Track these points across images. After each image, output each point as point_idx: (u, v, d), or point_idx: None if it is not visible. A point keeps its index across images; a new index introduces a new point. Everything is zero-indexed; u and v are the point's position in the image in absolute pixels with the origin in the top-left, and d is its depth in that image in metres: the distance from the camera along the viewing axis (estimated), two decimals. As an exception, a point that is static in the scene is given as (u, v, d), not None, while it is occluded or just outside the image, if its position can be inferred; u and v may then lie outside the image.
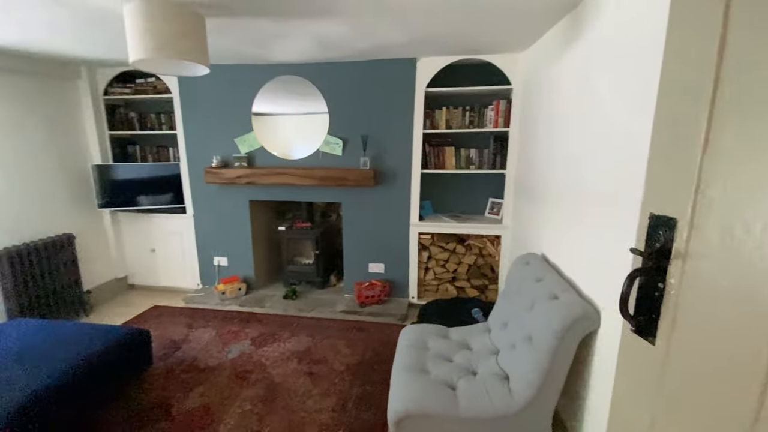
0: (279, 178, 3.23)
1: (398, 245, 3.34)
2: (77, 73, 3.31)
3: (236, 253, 3.64)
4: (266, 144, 3.35)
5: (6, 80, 2.82)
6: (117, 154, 3.68)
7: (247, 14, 1.90)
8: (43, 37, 2.33)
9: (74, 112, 3.36)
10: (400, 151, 3.16)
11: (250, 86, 3.25)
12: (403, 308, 3.27)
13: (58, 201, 3.23)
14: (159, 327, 3.08)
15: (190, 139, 3.47)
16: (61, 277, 3.14)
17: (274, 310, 3.34)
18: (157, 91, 3.46)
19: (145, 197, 3.54)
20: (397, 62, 3.00)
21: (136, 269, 3.88)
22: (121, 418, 2.05)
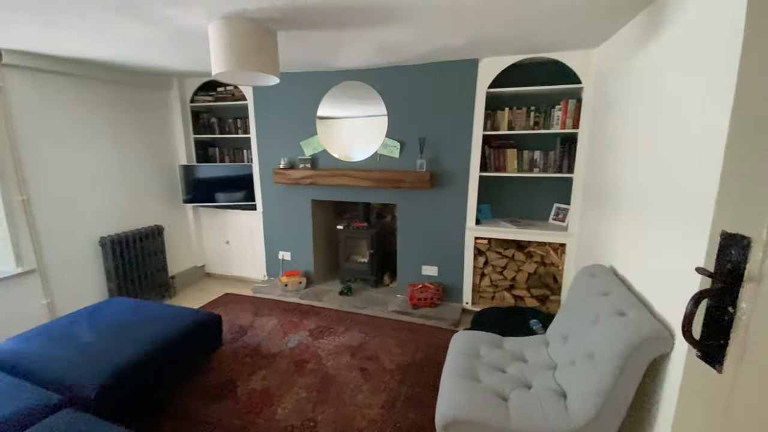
0: (339, 179, 3.37)
1: (453, 249, 3.30)
2: (169, 84, 3.76)
3: (298, 248, 3.86)
4: (328, 147, 3.51)
5: (112, 90, 3.30)
6: (200, 155, 4.11)
7: (313, 26, 2.02)
8: (141, 53, 2.68)
9: (166, 118, 3.83)
10: (458, 153, 3.12)
11: (316, 92, 3.44)
12: (455, 313, 3.23)
13: (151, 196, 3.70)
14: (229, 313, 3.38)
15: (261, 143, 3.76)
16: (152, 263, 3.59)
17: (330, 304, 3.49)
18: (234, 99, 3.80)
19: (222, 194, 3.90)
20: (457, 64, 2.97)
21: (213, 259, 4.29)
22: (193, 391, 2.30)
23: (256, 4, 1.67)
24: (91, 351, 2.00)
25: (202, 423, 2.05)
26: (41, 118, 2.78)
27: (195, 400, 2.23)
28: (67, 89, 2.94)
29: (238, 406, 2.18)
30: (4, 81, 2.56)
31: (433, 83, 3.08)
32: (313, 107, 3.48)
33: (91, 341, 2.10)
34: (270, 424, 2.04)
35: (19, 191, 2.68)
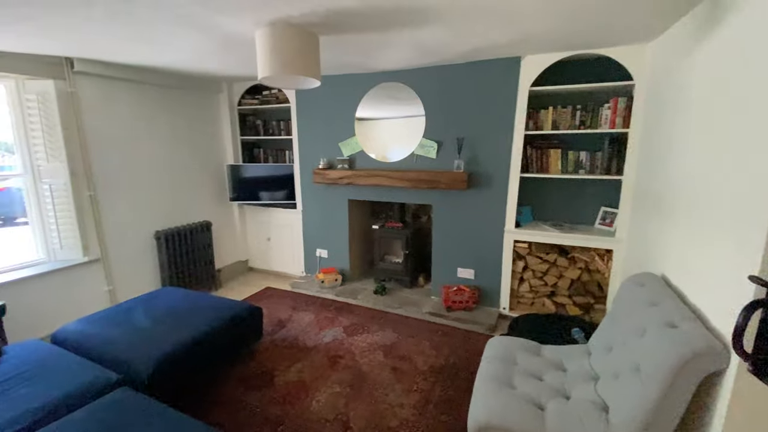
0: (375, 179, 3.40)
1: (490, 252, 3.22)
2: (219, 88, 3.98)
3: (335, 246, 3.95)
4: (366, 147, 3.56)
5: (168, 94, 3.55)
6: (245, 155, 4.32)
7: (354, 30, 2.07)
8: (195, 59, 2.87)
9: (216, 121, 4.06)
10: (497, 154, 3.05)
11: (354, 94, 3.50)
12: (492, 318, 3.15)
13: (201, 194, 3.95)
14: (269, 306, 3.53)
15: (302, 144, 3.88)
16: (200, 257, 3.83)
17: (364, 302, 3.53)
18: (278, 102, 3.96)
19: (265, 193, 4.08)
20: (498, 62, 2.90)
21: (255, 254, 4.50)
22: (235, 378, 2.43)
23: (299, 10, 1.74)
24: (145, 335, 2.17)
25: (242, 409, 2.16)
26: (106, 121, 3.06)
27: (237, 387, 2.35)
28: (129, 94, 3.21)
29: (276, 396, 2.27)
30: (76, 87, 2.84)
31: (473, 82, 3.03)
32: (352, 109, 3.54)
33: (145, 327, 2.28)
34: (305, 416, 2.10)
35: (87, 187, 2.96)
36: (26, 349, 2.06)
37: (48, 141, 2.73)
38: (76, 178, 2.87)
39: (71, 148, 2.82)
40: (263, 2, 1.65)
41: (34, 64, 2.60)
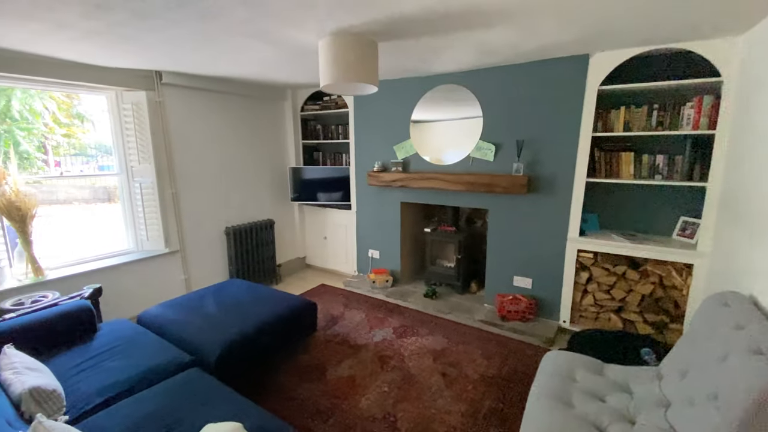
0: (429, 182, 3.40)
1: (551, 261, 3.06)
2: (284, 95, 4.24)
3: (387, 248, 4.00)
4: (420, 150, 3.57)
5: (239, 102, 3.86)
6: (306, 158, 4.54)
7: (413, 36, 2.09)
8: (264, 69, 3.08)
9: (280, 126, 4.33)
10: (560, 157, 2.89)
11: (410, 97, 3.53)
12: (550, 331, 2.98)
13: (265, 193, 4.23)
14: (323, 302, 3.67)
15: (358, 147, 4.00)
16: (263, 252, 4.10)
17: (414, 305, 3.54)
18: (337, 107, 4.12)
19: (323, 194, 4.26)
20: (563, 61, 2.75)
21: (312, 252, 4.71)
22: (290, 369, 2.56)
23: (360, 19, 1.80)
24: (214, 322, 2.38)
25: (295, 399, 2.28)
26: (186, 127, 3.41)
27: (291, 377, 2.48)
28: (206, 103, 3.54)
29: (327, 389, 2.36)
30: (163, 97, 3.20)
31: (535, 82, 2.90)
32: (408, 112, 3.57)
33: (214, 314, 2.50)
34: (353, 412, 2.16)
35: (170, 186, 3.31)
36: (117, 327, 2.36)
37: (140, 144, 3.11)
38: (161, 177, 3.23)
39: (158, 151, 3.18)
40: (327, 14, 1.74)
41: (131, 78, 2.98)
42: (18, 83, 2.55)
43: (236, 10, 1.70)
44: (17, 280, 2.54)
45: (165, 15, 1.75)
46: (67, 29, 1.95)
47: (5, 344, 1.88)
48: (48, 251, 2.84)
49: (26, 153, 8.17)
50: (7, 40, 2.12)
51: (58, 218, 3.73)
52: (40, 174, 3.92)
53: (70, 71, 2.65)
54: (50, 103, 5.89)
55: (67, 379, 1.85)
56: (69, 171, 5.27)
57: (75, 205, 4.15)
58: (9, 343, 1.90)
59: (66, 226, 3.50)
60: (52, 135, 5.98)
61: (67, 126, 6.16)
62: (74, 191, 4.98)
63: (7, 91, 8.05)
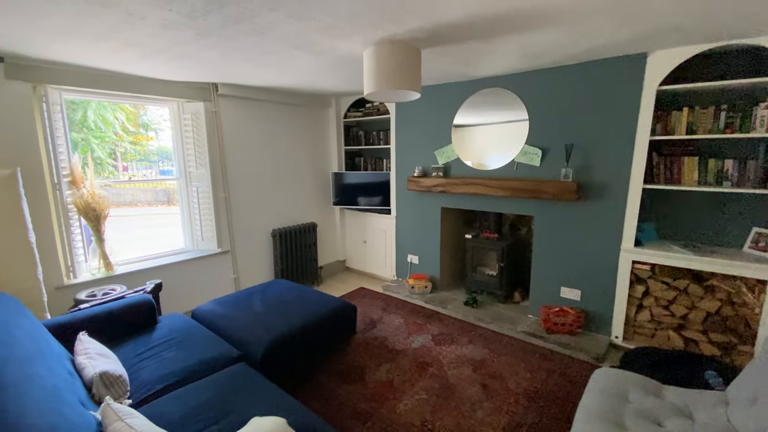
0: (471, 188, 3.34)
1: (602, 272, 2.89)
2: (329, 103, 4.38)
3: (426, 253, 3.98)
4: (462, 155, 3.52)
5: (286, 111, 4.03)
6: (348, 164, 4.65)
7: (458, 41, 2.08)
8: (310, 79, 3.20)
9: (324, 132, 4.47)
10: (614, 162, 2.73)
11: (452, 102, 3.50)
12: (600, 346, 2.81)
13: (309, 197, 4.37)
14: (363, 305, 3.72)
15: (399, 152, 4.02)
16: (306, 254, 4.23)
17: (454, 313, 3.48)
18: (379, 113, 4.18)
19: (363, 198, 4.33)
20: (618, 61, 2.60)
21: (352, 255, 4.79)
22: (330, 370, 2.62)
23: (405, 27, 1.83)
24: (260, 320, 2.50)
25: (334, 399, 2.32)
26: (238, 135, 3.61)
27: (330, 377, 2.54)
28: (257, 112, 3.74)
29: (365, 392, 2.38)
30: (219, 107, 3.42)
31: (586, 84, 2.77)
32: (449, 117, 3.55)
33: (260, 312, 2.62)
34: (391, 417, 2.17)
35: (223, 190, 3.53)
36: (174, 321, 2.54)
37: (197, 151, 3.34)
38: (215, 182, 3.45)
39: (213, 158, 3.40)
40: (373, 23, 1.79)
41: (191, 90, 3.22)
42: (95, 96, 2.85)
43: (288, 25, 1.79)
44: (91, 274, 2.83)
45: (221, 32, 1.89)
46: (135, 47, 2.16)
47: (80, 332, 2.10)
48: (117, 247, 3.13)
49: (99, 159, 9.07)
50: (86, 58, 2.39)
51: (127, 217, 4.10)
52: (111, 178, 4.32)
53: (138, 85, 2.92)
54: (120, 114, 6.52)
55: (131, 366, 2.02)
56: (135, 175, 5.79)
57: (139, 207, 4.54)
58: (83, 331, 2.12)
59: (133, 224, 3.85)
60: (121, 142, 6.61)
61: (133, 134, 6.77)
62: (139, 193, 5.43)
63: (84, 104, 8.96)
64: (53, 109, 2.53)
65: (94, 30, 1.86)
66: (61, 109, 2.59)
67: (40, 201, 2.52)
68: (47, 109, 2.48)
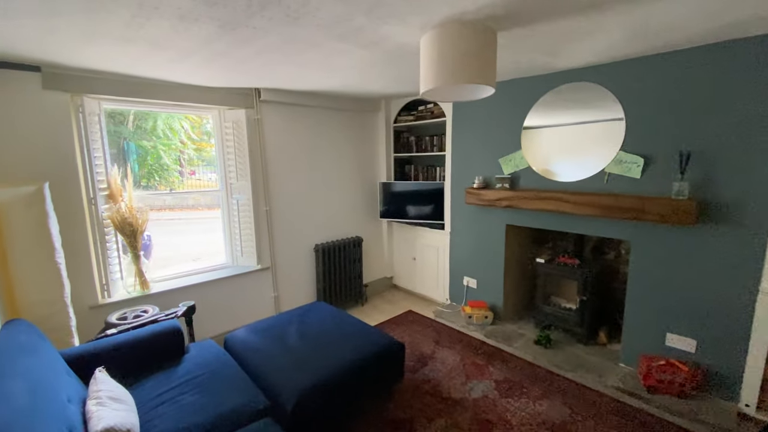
0: (545, 203, 2.77)
1: (728, 318, 2.18)
2: (378, 106, 4.00)
3: (486, 277, 3.44)
4: (534, 163, 2.95)
5: (333, 116, 3.71)
6: (397, 172, 4.24)
7: (545, 18, 1.58)
8: (357, 79, 2.83)
9: (372, 139, 4.10)
10: (753, 176, 2.03)
11: (523, 101, 2.95)
12: (725, 417, 2.11)
13: (354, 210, 4.02)
14: (411, 334, 3.27)
15: (455, 160, 3.53)
16: (350, 271, 3.88)
17: (521, 353, 2.91)
18: (433, 116, 3.72)
19: (413, 211, 3.89)
20: (763, 40, 1.92)
21: (400, 273, 4.37)
22: (372, 423, 2.20)
23: (478, 2, 1.37)
24: (294, 358, 2.15)
25: (377, 466, 1.91)
26: (281, 144, 3.35)
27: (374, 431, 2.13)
28: (301, 119, 3.46)
29: (415, 461, 1.94)
30: (261, 114, 3.18)
31: (712, 72, 2.11)
32: (518, 119, 3.00)
33: (295, 347, 2.28)
34: (448, 502, 1.70)
35: (265, 203, 3.28)
36: (203, 352, 2.28)
37: (238, 162, 3.12)
38: (257, 194, 3.21)
39: (255, 168, 3.17)
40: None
41: (232, 96, 3.01)
42: (134, 105, 2.72)
43: (327, 5, 1.42)
44: (126, 292, 2.68)
45: (248, 22, 1.56)
46: (163, 49, 1.92)
47: (99, 365, 1.89)
48: (167, 253, 2.99)
49: (166, 165, 9.48)
50: (118, 64, 2.22)
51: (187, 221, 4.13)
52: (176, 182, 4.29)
53: (177, 92, 2.75)
54: (185, 123, 6.73)
55: (147, 411, 1.76)
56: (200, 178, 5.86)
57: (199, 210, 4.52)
58: (103, 364, 1.91)
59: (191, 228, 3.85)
60: (186, 150, 6.83)
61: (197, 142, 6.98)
62: (199, 197, 5.46)
63: (154, 115, 9.43)
64: (90, 120, 2.40)
65: (112, 29, 1.63)
66: (99, 120, 2.46)
67: (75, 216, 2.40)
68: (83, 119, 2.35)
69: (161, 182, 9.69)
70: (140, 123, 9.71)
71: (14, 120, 2.16)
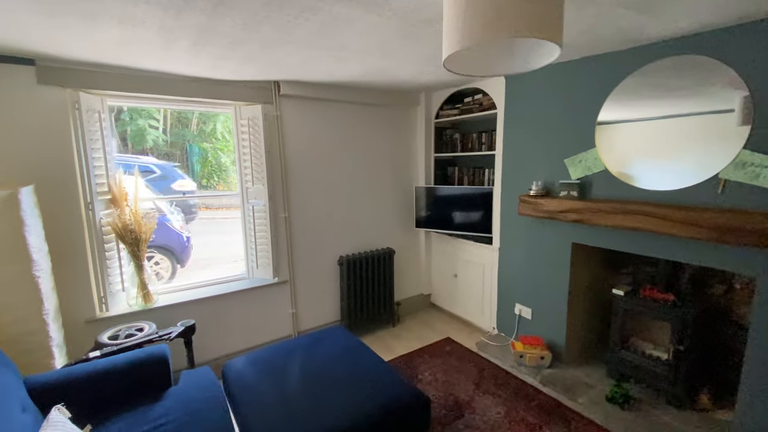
0: (631, 219, 2.07)
1: None
2: (416, 100, 3.49)
3: (544, 306, 2.78)
4: (613, 166, 2.26)
5: (363, 112, 3.27)
6: (438, 175, 3.69)
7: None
8: (376, 62, 2.33)
9: (409, 137, 3.60)
10: None
11: (600, 85, 2.28)
12: None
13: (386, 218, 3.55)
14: (446, 370, 2.73)
15: (508, 161, 2.92)
16: (380, 286, 3.41)
17: (589, 411, 2.23)
18: (482, 109, 3.13)
19: (456, 221, 3.33)
20: None
21: (439, 290, 3.81)
22: (385, 499, 1.71)
23: None
24: (286, 410, 1.73)
25: None
26: (303, 144, 2.99)
27: None
28: (326, 115, 3.07)
29: None
30: (281, 110, 2.83)
31: None
32: (592, 108, 2.33)
33: (292, 390, 1.87)
34: None
35: (284, 209, 2.93)
36: (193, 385, 1.95)
37: (254, 164, 2.80)
38: (274, 199, 2.87)
39: (272, 170, 2.83)
40: None
41: (249, 91, 2.69)
42: (141, 102, 2.51)
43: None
44: (128, 305, 2.47)
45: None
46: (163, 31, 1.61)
47: (67, 398, 1.63)
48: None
49: (225, 165, 9.71)
50: (115, 54, 1.97)
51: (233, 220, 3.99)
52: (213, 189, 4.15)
53: (189, 87, 2.49)
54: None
55: (99, 469, 1.44)
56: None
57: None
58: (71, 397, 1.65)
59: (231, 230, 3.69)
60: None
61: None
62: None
63: (213, 117, 9.65)
64: (89, 117, 2.19)
65: (109, 7, 1.33)
66: (99, 117, 2.25)
67: (72, 222, 2.21)
68: (80, 117, 2.14)
69: (220, 182, 9.96)
70: (203, 126, 9.94)
71: (5, 117, 2.00)
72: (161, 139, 9.84)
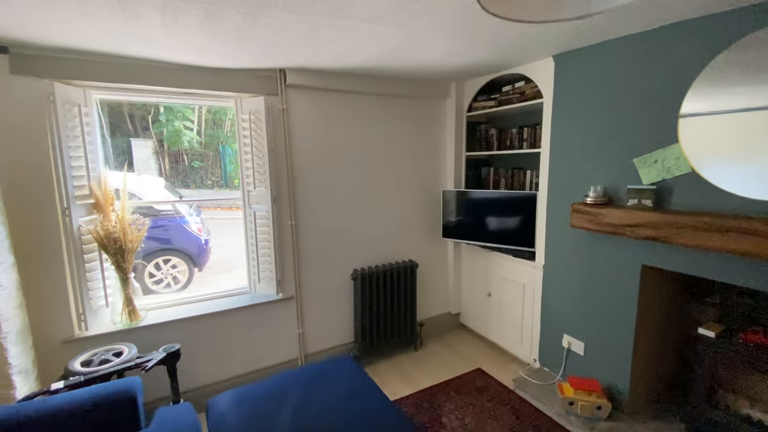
0: (732, 239, 1.52)
1: None
2: (447, 91, 3.04)
3: (601, 341, 2.24)
4: (704, 168, 1.70)
5: (381, 105, 2.86)
6: (470, 177, 3.21)
7: None
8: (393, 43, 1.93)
9: (437, 134, 3.15)
10: None
11: (680, 64, 1.73)
12: None
13: (408, 227, 3.11)
14: (477, 413, 2.26)
15: (557, 160, 2.40)
16: (401, 305, 2.98)
17: (668, 491, 1.68)
18: (524, 99, 2.63)
19: (490, 231, 2.84)
20: None
21: (469, 310, 3.33)
22: None
23: None
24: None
25: None
26: (313, 141, 2.62)
27: None
28: (338, 108, 2.68)
29: None
30: (287, 103, 2.48)
31: None
32: (670, 94, 1.78)
33: (280, 447, 1.48)
34: None
35: (290, 216, 2.58)
36: (168, 426, 1.62)
37: (256, 164, 2.47)
38: (280, 205, 2.53)
39: (277, 171, 2.49)
40: None
41: (252, 80, 2.37)
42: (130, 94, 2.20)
43: None
44: (112, 323, 2.19)
45: None
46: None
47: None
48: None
49: None
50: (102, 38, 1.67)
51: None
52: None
53: (185, 76, 2.19)
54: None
55: None
56: None
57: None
58: (11, 446, 1.35)
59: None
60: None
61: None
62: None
63: None
64: (65, 111, 1.93)
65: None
66: (79, 111, 1.99)
67: (48, 230, 1.95)
68: (54, 110, 1.88)
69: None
70: (234, 128, 9.84)
71: (-28, 111, 1.77)
72: (195, 140, 9.94)
